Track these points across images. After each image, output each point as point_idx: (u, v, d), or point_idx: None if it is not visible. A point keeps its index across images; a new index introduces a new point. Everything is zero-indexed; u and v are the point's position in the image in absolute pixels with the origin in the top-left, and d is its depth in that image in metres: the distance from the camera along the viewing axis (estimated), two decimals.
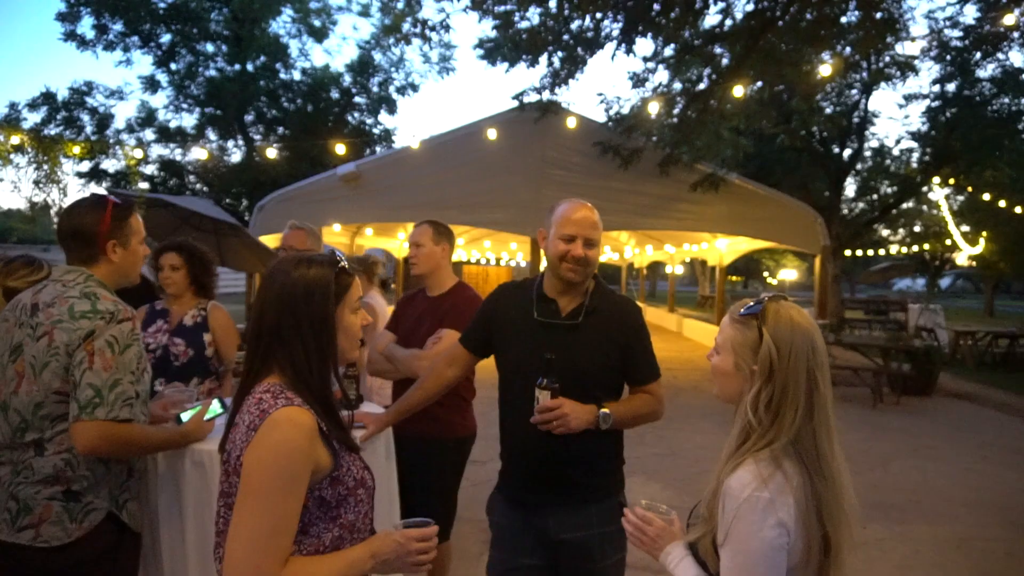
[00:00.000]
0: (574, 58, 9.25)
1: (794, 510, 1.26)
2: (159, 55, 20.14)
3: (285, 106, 21.60)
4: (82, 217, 1.96)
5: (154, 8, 19.36)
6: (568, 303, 2.22)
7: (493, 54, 9.23)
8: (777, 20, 8.89)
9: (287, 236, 3.74)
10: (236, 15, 19.71)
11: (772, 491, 1.26)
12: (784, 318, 1.35)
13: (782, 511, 1.25)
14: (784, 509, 1.25)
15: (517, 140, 11.18)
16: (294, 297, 1.37)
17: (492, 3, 8.38)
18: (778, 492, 1.26)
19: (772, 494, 1.25)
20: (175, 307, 3.14)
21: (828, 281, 12.51)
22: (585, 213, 2.20)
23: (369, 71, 21.89)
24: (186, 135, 21.14)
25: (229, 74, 20.53)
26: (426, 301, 3.09)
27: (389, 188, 11.55)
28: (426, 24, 9.16)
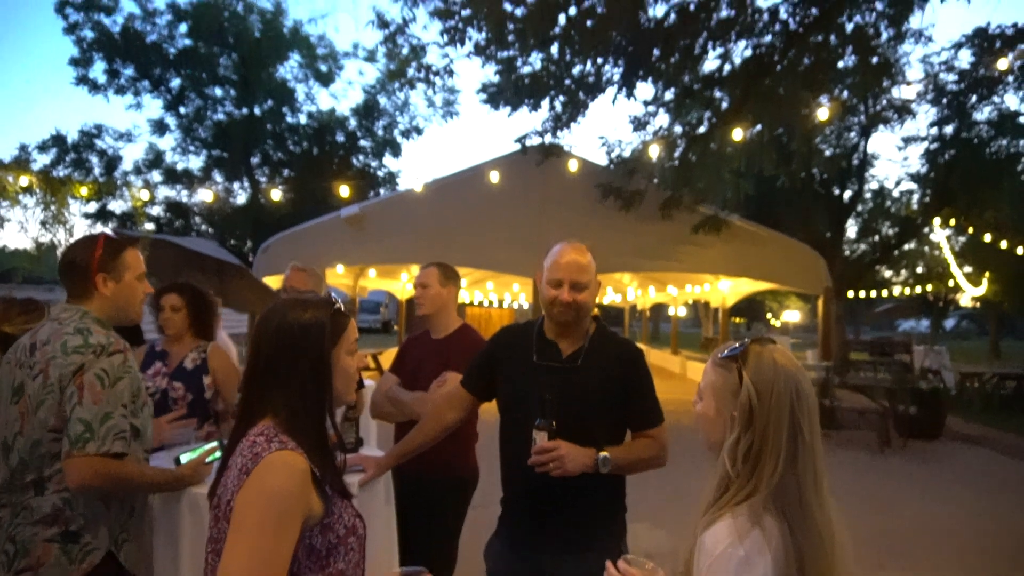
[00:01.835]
0: (576, 102, 9.39)
1: (771, 569, 1.16)
2: (168, 99, 20.54)
3: (291, 149, 21.91)
4: (75, 252, 1.98)
5: (165, 54, 19.83)
6: (568, 346, 2.21)
7: (496, 98, 9.37)
8: (775, 65, 9.05)
9: (288, 277, 3.75)
10: (245, 60, 20.15)
11: (748, 548, 1.16)
12: (766, 361, 1.28)
13: (758, 570, 1.16)
14: (760, 568, 1.16)
15: (519, 182, 11.28)
16: (289, 339, 1.37)
17: (495, 49, 8.55)
18: (755, 550, 1.17)
19: (748, 551, 1.16)
20: (175, 349, 3.12)
21: (831, 322, 12.47)
22: (572, 257, 2.18)
23: (374, 115, 22.24)
24: (192, 177, 21.42)
25: (236, 117, 20.89)
26: (431, 343, 3.08)
27: (392, 230, 11.61)
28: (430, 69, 9.34)
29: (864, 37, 9.16)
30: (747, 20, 8.81)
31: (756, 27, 8.98)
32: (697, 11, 8.48)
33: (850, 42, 9.18)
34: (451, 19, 8.28)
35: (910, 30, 12.98)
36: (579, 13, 8.12)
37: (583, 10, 8.11)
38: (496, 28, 8.06)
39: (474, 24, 8.27)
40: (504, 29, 8.10)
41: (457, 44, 8.52)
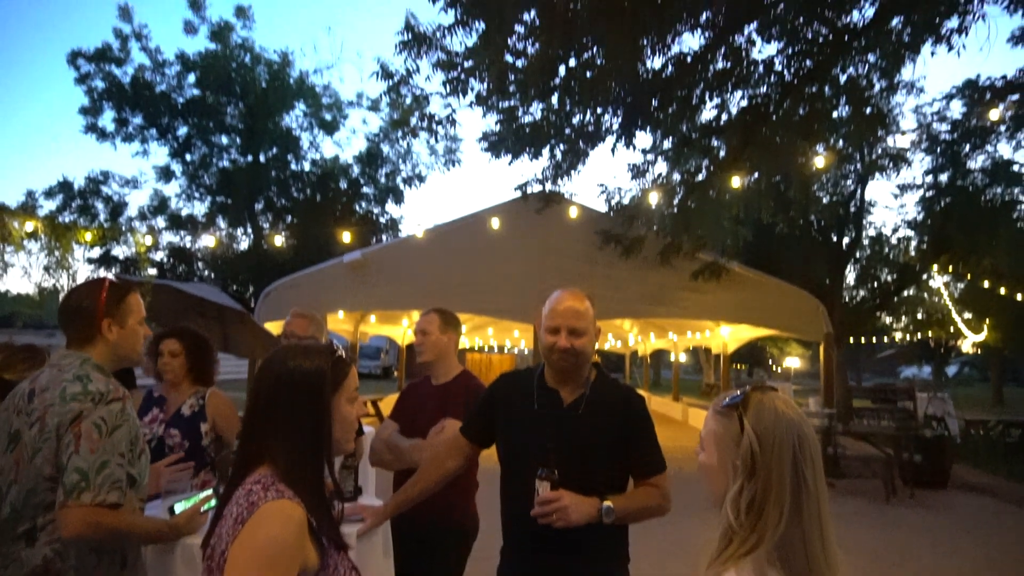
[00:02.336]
0: (575, 150, 9.53)
1: None
2: (175, 146, 20.85)
3: (294, 195, 22.14)
4: (79, 297, 1.99)
5: (173, 103, 20.22)
6: (570, 393, 2.20)
7: (497, 147, 9.52)
8: (771, 114, 9.20)
9: (289, 323, 3.76)
10: (251, 109, 20.52)
11: None
12: (767, 408, 1.26)
13: None
14: None
15: (520, 229, 11.37)
16: (289, 387, 1.36)
17: (496, 99, 8.72)
18: None
19: None
20: (172, 395, 3.11)
21: (833, 368, 12.40)
22: (570, 304, 2.19)
23: (377, 162, 22.54)
24: (196, 223, 21.59)
25: (241, 164, 21.16)
26: (431, 389, 3.07)
27: (394, 276, 11.67)
28: (433, 119, 9.50)
29: (857, 88, 9.34)
30: (743, 71, 8.99)
31: (752, 78, 9.16)
32: (694, 63, 8.67)
33: (844, 93, 9.36)
34: (454, 70, 8.46)
35: (902, 82, 13.27)
36: (578, 65, 8.30)
37: (582, 62, 8.29)
38: (497, 79, 8.23)
39: (476, 75, 8.45)
40: (505, 80, 8.28)
41: (459, 94, 8.69)
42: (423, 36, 8.39)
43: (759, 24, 8.44)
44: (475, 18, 8.00)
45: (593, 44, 8.03)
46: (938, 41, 8.02)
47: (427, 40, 8.38)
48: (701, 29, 8.42)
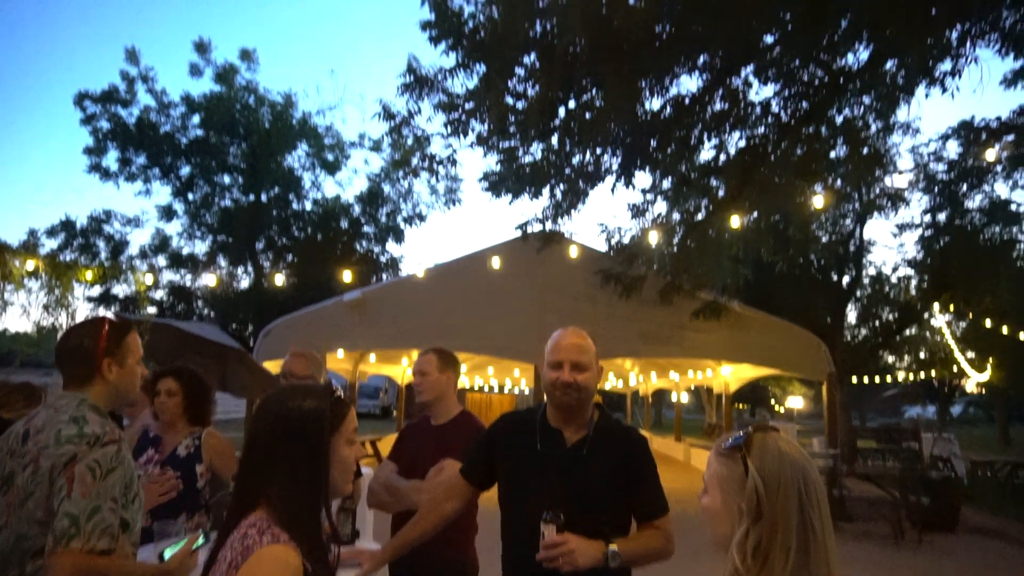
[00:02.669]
0: (575, 190, 9.60)
1: None
2: (177, 185, 21.03)
3: (295, 234, 22.25)
4: (79, 336, 1.97)
5: (176, 143, 20.46)
6: (572, 433, 2.17)
7: (497, 186, 9.59)
8: (769, 155, 9.30)
9: (288, 362, 3.73)
10: (254, 150, 20.75)
11: None
12: (771, 449, 1.25)
13: None
14: None
15: (520, 268, 11.40)
16: (287, 428, 1.34)
17: (497, 140, 8.82)
18: None
19: None
20: (168, 435, 3.06)
21: (836, 409, 12.30)
22: (572, 340, 2.20)
23: (378, 202, 22.71)
24: (197, 261, 21.66)
25: (243, 204, 21.32)
26: (430, 430, 3.03)
27: (394, 315, 11.66)
28: (434, 159, 9.60)
29: (854, 129, 9.46)
30: (740, 112, 9.11)
31: (749, 119, 9.28)
32: (692, 104, 8.79)
33: (841, 134, 9.48)
34: (455, 112, 8.58)
35: (898, 123, 13.46)
36: (578, 106, 8.42)
37: (582, 103, 8.41)
38: (498, 120, 8.34)
39: (477, 116, 8.56)
40: (506, 121, 8.39)
41: (460, 135, 8.79)
42: (425, 78, 8.53)
43: (755, 67, 8.58)
44: (476, 61, 8.15)
45: (592, 86, 8.16)
46: (932, 83, 8.14)
47: (429, 82, 8.52)
48: (699, 71, 8.56)
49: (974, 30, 7.66)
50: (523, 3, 7.58)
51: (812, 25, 7.28)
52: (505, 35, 7.66)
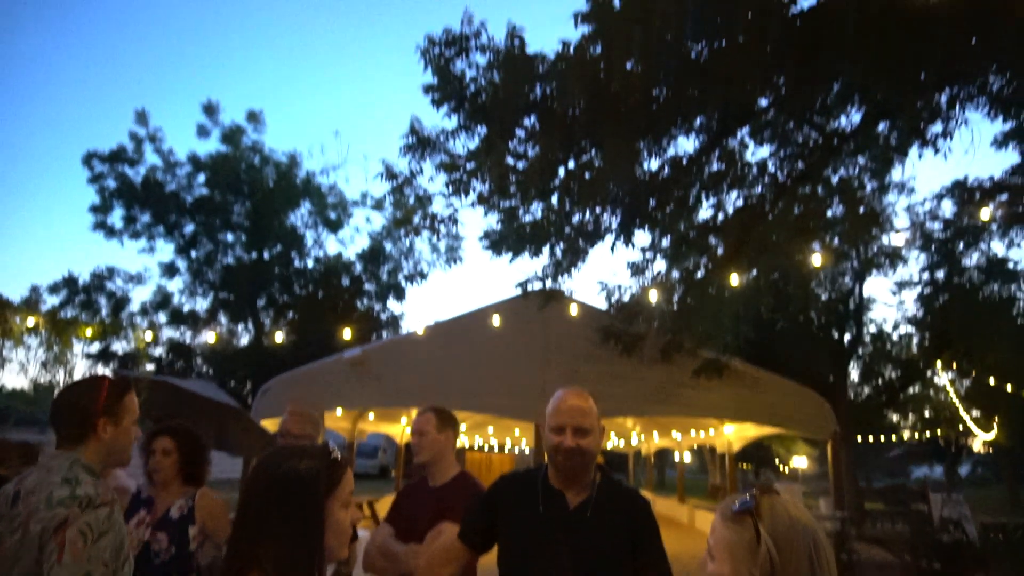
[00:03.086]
0: (575, 249, 9.68)
1: None
2: (181, 243, 21.23)
3: (297, 292, 22.33)
4: (77, 395, 1.96)
5: (181, 202, 20.75)
6: (575, 496, 2.13)
7: (498, 245, 9.67)
8: (766, 214, 9.41)
9: (285, 421, 3.69)
10: (257, 208, 21.03)
11: None
12: (781, 513, 1.22)
13: None
14: None
15: (520, 326, 11.38)
16: (281, 491, 1.32)
17: (497, 199, 8.94)
18: None
19: None
20: (161, 496, 3.00)
21: (842, 469, 12.09)
22: (574, 402, 2.18)
23: (379, 260, 22.87)
24: (198, 318, 21.68)
25: (245, 261, 21.47)
26: (428, 491, 2.97)
27: (394, 373, 11.59)
28: (435, 218, 9.71)
29: (849, 189, 9.60)
30: (737, 173, 9.27)
31: (746, 179, 9.43)
32: (689, 165, 8.94)
33: (836, 193, 9.61)
34: (456, 172, 8.73)
35: (893, 182, 13.66)
36: (577, 167, 8.56)
37: (581, 164, 8.56)
38: (499, 180, 8.48)
39: (478, 177, 8.71)
40: (506, 181, 8.52)
41: (461, 195, 8.92)
42: (427, 139, 8.71)
43: (751, 128, 8.78)
44: (477, 123, 8.33)
45: (591, 147, 8.32)
46: (924, 145, 8.31)
47: (431, 143, 8.69)
48: (695, 133, 8.74)
49: (963, 94, 7.85)
50: (523, 68, 7.81)
51: (804, 88, 7.48)
52: (506, 98, 7.86)
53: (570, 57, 7.54)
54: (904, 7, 5.89)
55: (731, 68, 6.90)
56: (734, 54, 6.94)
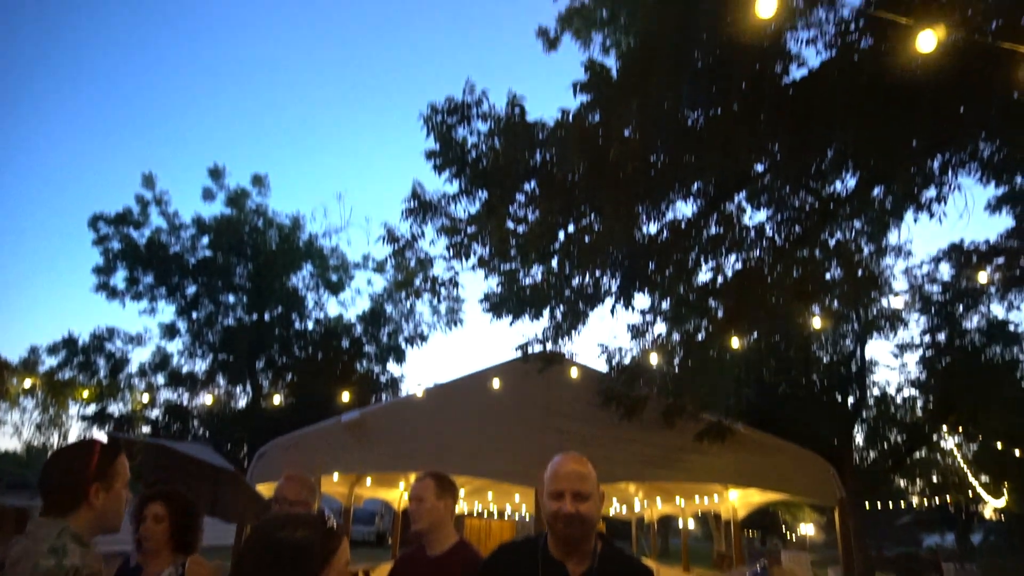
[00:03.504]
0: (575, 312, 9.70)
1: None
2: (182, 304, 21.27)
3: (296, 353, 22.25)
4: (68, 460, 1.93)
5: (184, 263, 20.90)
6: (576, 566, 2.08)
7: (498, 307, 9.70)
8: (765, 277, 9.46)
9: (281, 486, 3.63)
10: (259, 270, 21.17)
11: None
12: None
13: None
14: None
15: (520, 390, 11.29)
16: (275, 560, 1.30)
17: (497, 262, 9.02)
18: None
19: None
20: (150, 564, 2.92)
21: (851, 536, 11.79)
22: (572, 467, 2.15)
23: (380, 322, 22.87)
24: (196, 380, 21.54)
25: (246, 323, 21.47)
26: (425, 561, 2.90)
27: (392, 436, 11.44)
28: (436, 280, 9.77)
29: (847, 252, 9.68)
30: (735, 236, 9.36)
31: (745, 242, 9.52)
32: (688, 228, 9.05)
33: (834, 256, 9.69)
34: (457, 235, 8.83)
35: (890, 246, 13.78)
36: (577, 230, 8.67)
37: (581, 228, 8.67)
38: (499, 244, 8.58)
39: (479, 240, 8.81)
40: (507, 245, 8.61)
41: (462, 258, 9.00)
42: (429, 204, 8.84)
43: (747, 193, 8.92)
44: (478, 188, 8.49)
45: (591, 211, 8.44)
46: (919, 209, 8.44)
47: (432, 207, 8.83)
48: (693, 197, 8.89)
49: (954, 160, 8.03)
50: (523, 135, 8.00)
51: (798, 155, 7.64)
52: (506, 164, 8.03)
53: (569, 125, 7.74)
54: (891, 79, 6.08)
55: (727, 135, 7.08)
56: (729, 122, 7.13)
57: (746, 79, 7.09)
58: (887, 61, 6.08)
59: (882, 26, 6.14)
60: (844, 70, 6.91)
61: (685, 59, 7.14)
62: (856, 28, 7.10)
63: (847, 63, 7.04)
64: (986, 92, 6.29)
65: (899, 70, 5.96)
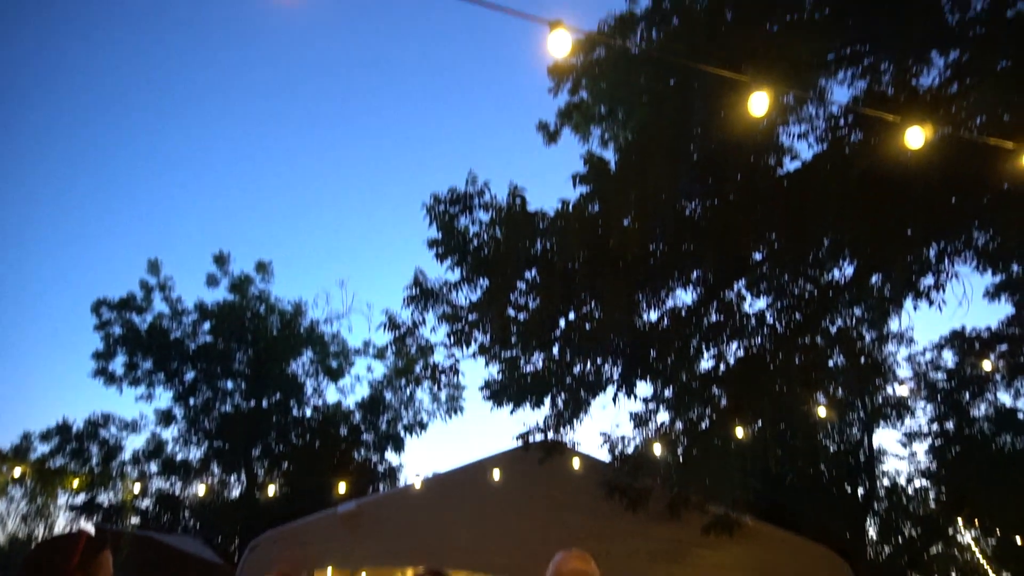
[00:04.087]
0: (577, 400, 9.61)
1: None
2: (180, 390, 21.07)
3: (293, 441, 21.88)
4: (52, 551, 1.88)
5: (185, 349, 20.85)
6: None
7: (499, 395, 9.62)
8: (768, 364, 9.42)
9: None
10: (259, 356, 21.09)
11: None
12: None
13: None
14: None
15: (521, 480, 11.04)
16: None
17: (498, 350, 9.01)
18: None
19: None
20: None
21: None
22: (575, 564, 2.11)
23: (379, 409, 22.59)
24: (190, 468, 21.09)
25: (243, 409, 21.21)
26: None
27: (389, 529, 11.10)
28: (436, 367, 9.73)
29: (849, 339, 9.68)
30: (736, 323, 9.39)
31: (746, 330, 9.53)
32: (689, 316, 9.09)
33: (836, 344, 9.68)
34: (458, 323, 8.86)
35: (892, 332, 13.79)
36: (578, 318, 8.71)
37: (581, 315, 8.71)
38: (500, 332, 8.60)
39: (479, 328, 8.83)
40: (507, 332, 8.64)
41: (463, 346, 9.00)
42: (430, 291, 8.92)
43: (747, 281, 9.00)
44: (479, 276, 8.58)
45: (591, 299, 8.51)
46: (918, 297, 8.49)
47: (434, 295, 8.89)
48: (693, 285, 8.96)
49: (950, 248, 8.14)
50: (524, 224, 8.16)
51: (796, 244, 7.77)
52: (507, 253, 8.15)
53: (569, 214, 7.91)
54: (883, 171, 6.25)
55: (724, 225, 7.22)
56: (726, 212, 7.29)
57: (741, 171, 7.31)
58: (878, 154, 6.27)
59: (871, 122, 6.37)
60: (836, 163, 7.13)
61: (681, 152, 7.38)
62: (845, 123, 7.37)
63: (839, 156, 7.26)
64: (977, 183, 6.45)
65: (890, 163, 6.14)
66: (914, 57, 6.62)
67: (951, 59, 6.77)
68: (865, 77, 7.63)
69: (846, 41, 6.95)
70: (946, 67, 6.87)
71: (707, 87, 6.47)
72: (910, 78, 6.83)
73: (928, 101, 6.30)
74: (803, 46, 6.43)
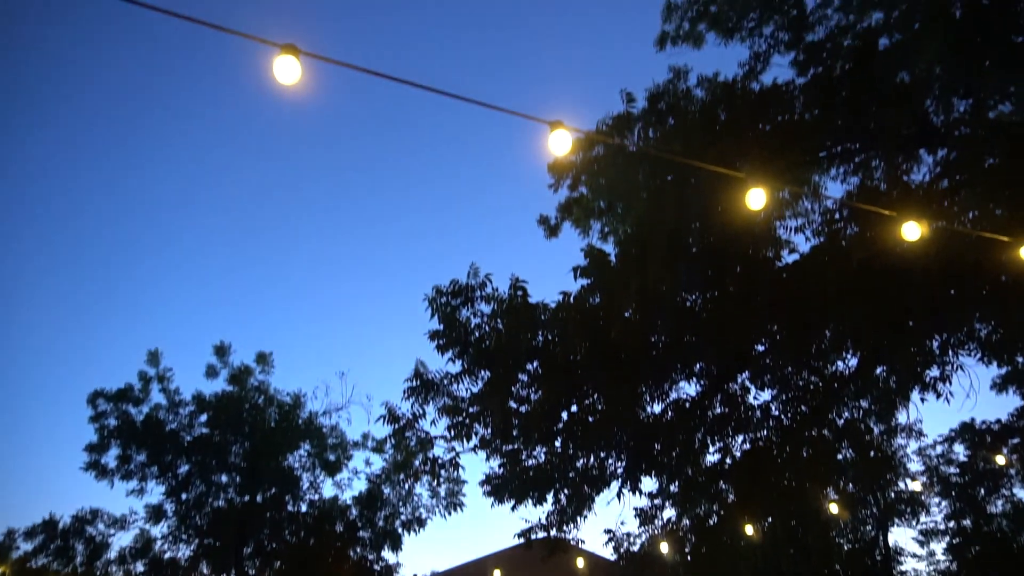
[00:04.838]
0: (580, 495, 9.34)
1: None
2: (173, 484, 20.45)
3: (287, 538, 21.06)
4: None
5: (180, 441, 20.39)
6: None
7: (500, 491, 9.34)
8: (775, 458, 9.19)
9: None
10: (255, 448, 20.61)
11: None
12: None
13: None
14: None
15: None
16: None
17: (499, 443, 8.81)
18: None
19: None
20: None
21: None
22: None
23: (377, 504, 21.87)
24: (178, 567, 20.21)
25: (237, 504, 20.54)
26: None
27: None
28: (436, 461, 9.49)
29: (856, 432, 9.49)
30: (741, 416, 9.23)
31: (751, 422, 9.36)
32: (692, 408, 8.95)
33: (844, 436, 9.48)
34: (459, 415, 8.70)
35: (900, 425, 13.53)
36: (580, 411, 8.57)
37: (584, 407, 8.57)
38: (501, 424, 8.44)
39: (480, 420, 8.67)
40: (509, 425, 8.48)
41: (464, 439, 8.81)
42: (431, 383, 8.81)
43: (751, 373, 8.92)
44: (481, 368, 8.50)
45: (593, 391, 8.39)
46: (924, 389, 8.38)
47: (434, 386, 8.78)
48: (696, 378, 8.88)
49: (953, 340, 8.11)
50: (525, 316, 8.16)
51: (797, 335, 7.74)
52: (509, 345, 8.10)
53: (570, 306, 7.92)
54: (881, 263, 6.31)
55: (725, 316, 7.22)
56: (726, 303, 7.31)
57: (740, 263, 7.38)
58: (874, 246, 6.35)
59: (866, 215, 6.49)
60: (834, 255, 7.21)
61: (680, 245, 7.48)
62: (841, 217, 7.50)
63: (836, 248, 7.35)
64: (975, 274, 6.49)
65: (887, 254, 6.21)
66: (904, 155, 6.83)
67: (940, 156, 6.98)
68: (857, 173, 7.85)
69: (836, 140, 7.18)
70: (935, 164, 7.08)
71: (704, 183, 6.63)
72: (901, 174, 7.02)
73: (920, 196, 6.44)
74: (795, 144, 6.64)
